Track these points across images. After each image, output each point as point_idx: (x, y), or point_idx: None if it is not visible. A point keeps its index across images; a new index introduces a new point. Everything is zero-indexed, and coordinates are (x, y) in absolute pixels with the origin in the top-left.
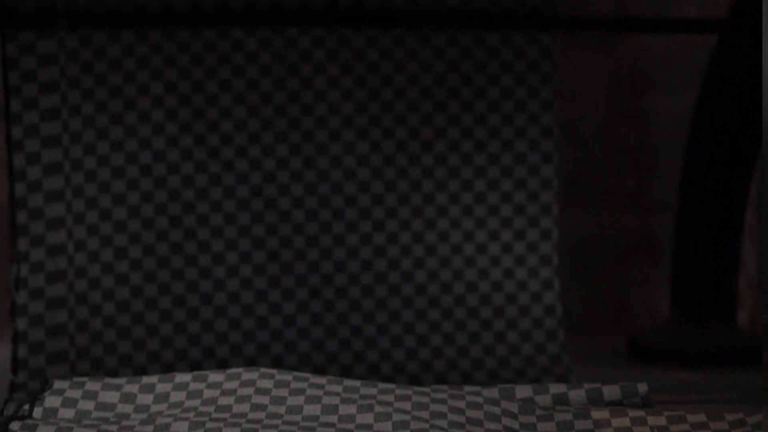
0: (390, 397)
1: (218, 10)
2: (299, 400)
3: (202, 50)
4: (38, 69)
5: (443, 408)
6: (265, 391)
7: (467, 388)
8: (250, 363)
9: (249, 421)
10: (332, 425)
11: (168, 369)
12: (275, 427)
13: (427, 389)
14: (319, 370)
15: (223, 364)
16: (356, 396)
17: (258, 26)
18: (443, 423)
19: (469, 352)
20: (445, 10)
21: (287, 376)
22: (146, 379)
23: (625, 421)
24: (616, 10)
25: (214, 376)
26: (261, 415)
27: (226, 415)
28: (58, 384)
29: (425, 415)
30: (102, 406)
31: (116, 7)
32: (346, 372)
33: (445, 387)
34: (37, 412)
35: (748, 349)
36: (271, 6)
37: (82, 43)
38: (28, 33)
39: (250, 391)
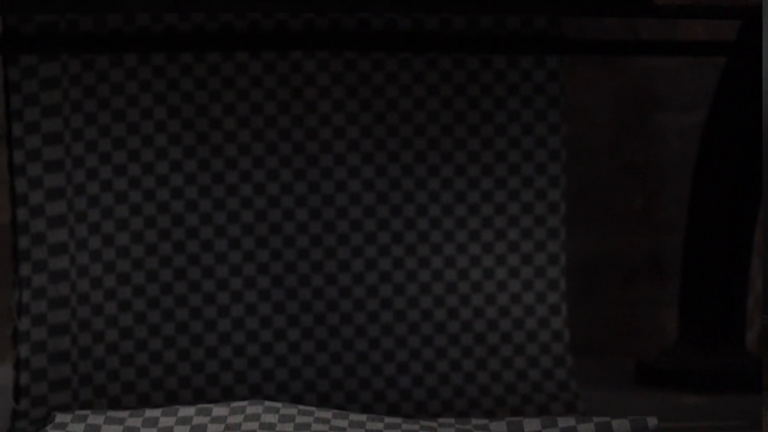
0: None
1: (222, 33)
2: None
3: (205, 74)
4: (40, 93)
5: None
6: (269, 426)
7: (475, 421)
8: (254, 390)
9: None
10: None
11: (171, 396)
12: None
13: (434, 423)
14: (323, 397)
15: (226, 392)
16: (362, 431)
17: (262, 49)
18: None
19: (476, 378)
20: (451, 33)
21: (292, 410)
22: (149, 413)
23: None
24: (623, 31)
25: (218, 410)
26: None
27: None
28: (60, 417)
29: None
30: None
31: (119, 31)
32: (352, 399)
33: (452, 420)
34: None
35: (757, 372)
36: (276, 29)
37: (84, 66)
38: (31, 56)
39: (254, 426)
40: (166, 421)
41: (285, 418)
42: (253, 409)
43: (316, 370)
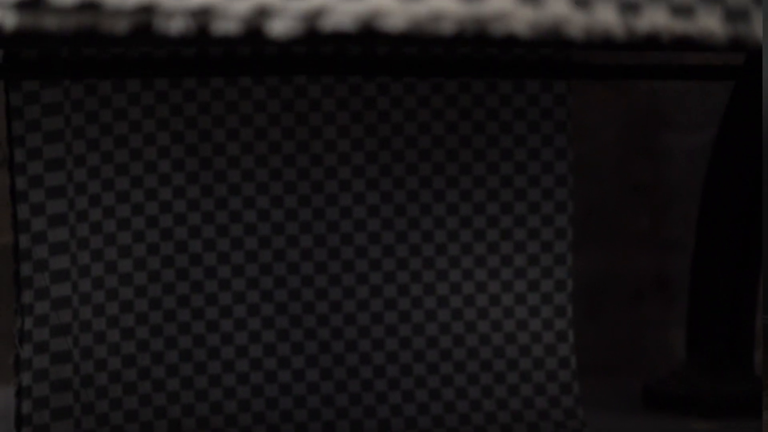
0: None
1: (225, 58)
2: None
3: (209, 99)
4: (43, 118)
5: None
6: None
7: None
8: (258, 418)
9: None
10: None
11: (175, 425)
12: None
13: None
14: (329, 426)
15: (231, 420)
16: None
17: (266, 74)
18: None
19: (482, 406)
20: (456, 57)
21: None
22: None
23: None
24: (631, 55)
25: None
26: None
27: None
28: None
29: None
30: None
31: (121, 56)
32: (357, 428)
33: None
34: None
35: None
36: (280, 54)
37: (87, 92)
38: (33, 82)
39: None
40: None
41: None
42: None
43: (321, 397)
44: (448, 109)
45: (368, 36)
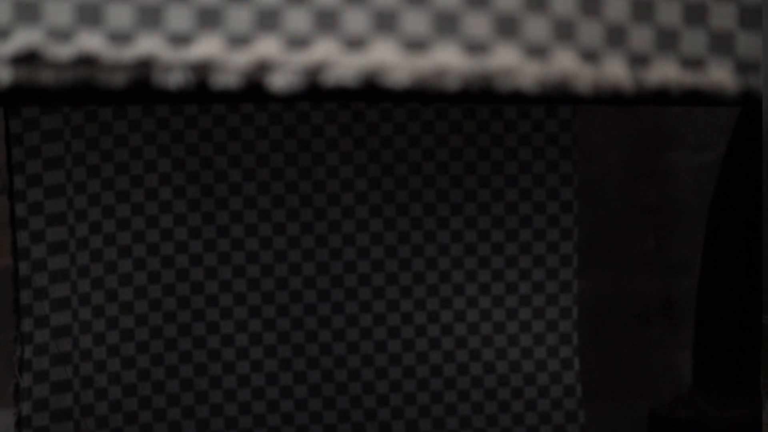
0: None
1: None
2: None
3: (211, 125)
4: (42, 145)
5: None
6: None
7: None
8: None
9: None
10: None
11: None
12: None
13: None
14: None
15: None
16: None
17: (268, 101)
18: None
19: None
20: None
21: None
22: None
23: None
24: None
25: None
26: None
27: None
28: None
29: None
30: None
31: None
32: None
33: None
34: None
35: None
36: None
37: (87, 118)
38: (32, 109)
39: None
40: None
41: None
42: None
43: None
44: (452, 136)
45: (371, 92)
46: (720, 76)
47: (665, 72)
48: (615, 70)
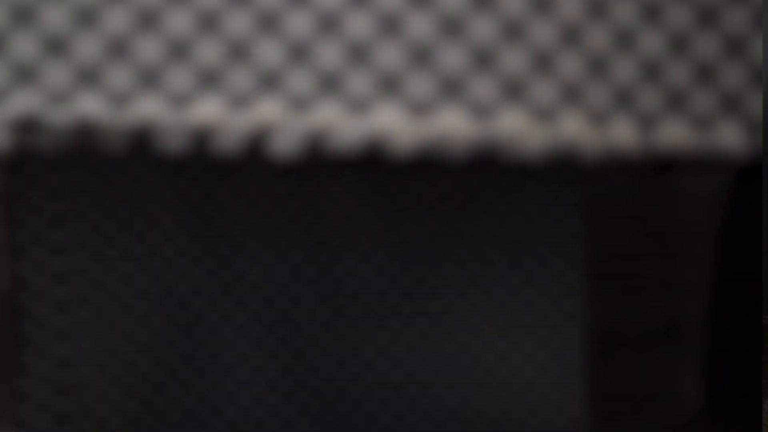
0: None
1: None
2: None
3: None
4: (45, 202)
5: None
6: None
7: None
8: None
9: None
10: None
11: None
12: None
13: None
14: None
15: None
16: None
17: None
18: None
19: None
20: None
21: None
22: None
23: None
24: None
25: None
26: None
27: None
28: None
29: None
30: None
31: None
32: None
33: None
34: None
35: None
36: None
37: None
38: (36, 166)
39: None
40: None
41: None
42: None
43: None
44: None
45: (374, 159)
46: (730, 139)
47: (674, 135)
48: (623, 132)
